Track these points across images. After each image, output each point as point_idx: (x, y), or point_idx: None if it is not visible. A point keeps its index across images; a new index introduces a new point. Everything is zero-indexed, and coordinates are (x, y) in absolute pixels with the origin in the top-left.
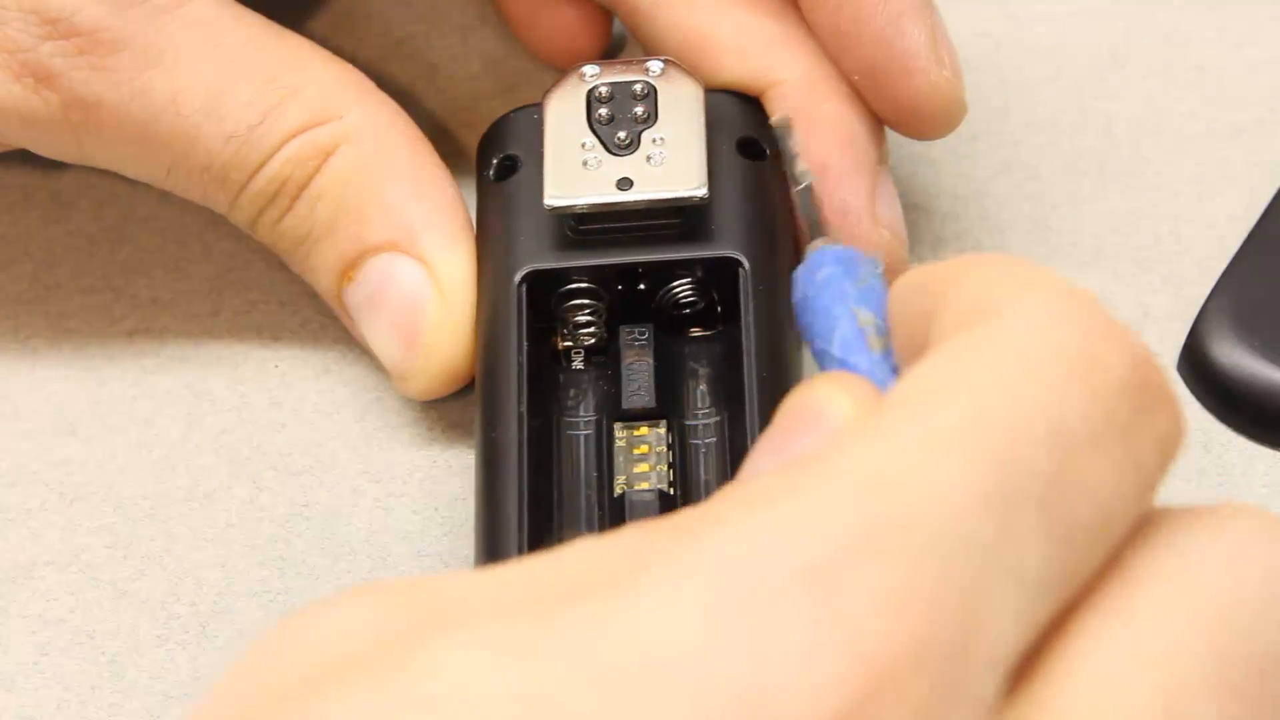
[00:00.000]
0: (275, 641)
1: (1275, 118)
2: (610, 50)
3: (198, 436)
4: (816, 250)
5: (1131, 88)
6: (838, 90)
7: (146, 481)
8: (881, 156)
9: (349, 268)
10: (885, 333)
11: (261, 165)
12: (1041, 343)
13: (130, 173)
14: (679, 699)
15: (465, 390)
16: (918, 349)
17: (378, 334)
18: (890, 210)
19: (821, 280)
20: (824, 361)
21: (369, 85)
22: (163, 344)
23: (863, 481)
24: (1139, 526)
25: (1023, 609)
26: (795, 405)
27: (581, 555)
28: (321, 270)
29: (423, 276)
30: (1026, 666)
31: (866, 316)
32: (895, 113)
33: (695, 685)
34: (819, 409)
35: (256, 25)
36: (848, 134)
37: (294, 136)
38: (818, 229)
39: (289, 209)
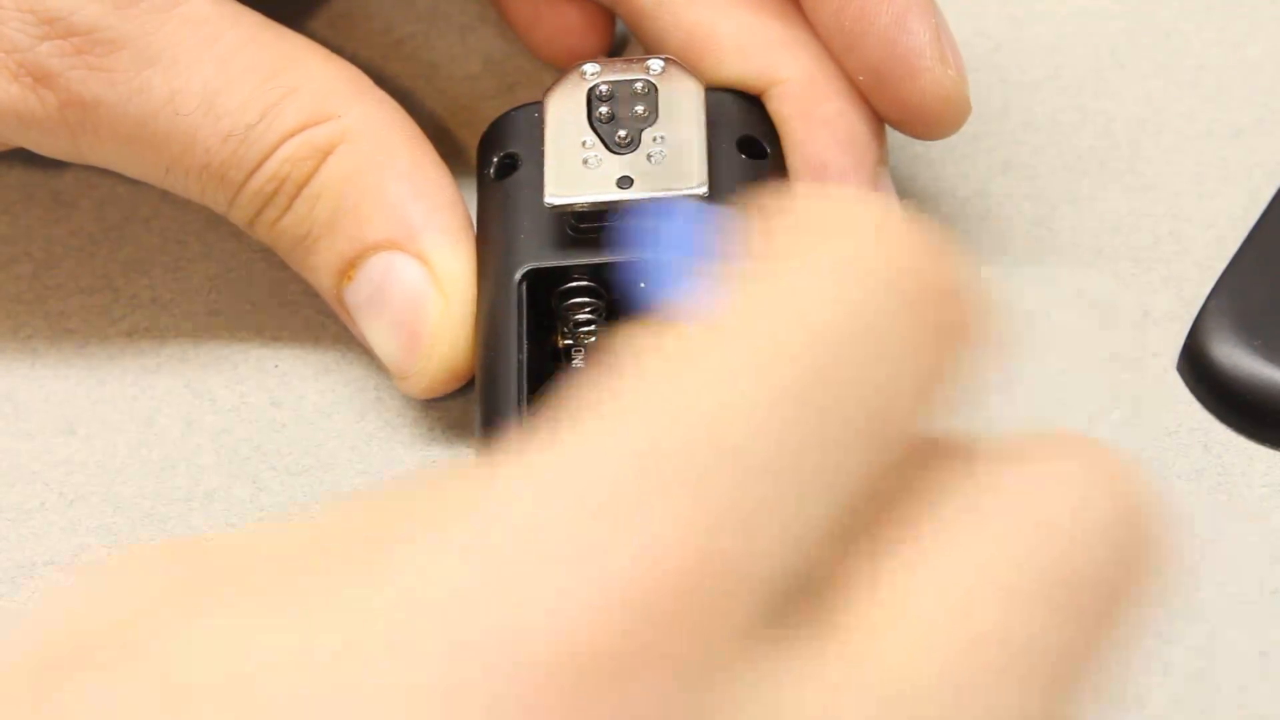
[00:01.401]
0: (40, 616)
1: (1275, 118)
2: (612, 50)
3: (198, 436)
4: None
5: (1131, 88)
6: (839, 90)
7: (146, 481)
8: (882, 157)
9: (349, 267)
10: None
11: (260, 164)
12: (817, 251)
13: (128, 172)
14: (430, 644)
15: (466, 389)
16: None
17: (378, 333)
18: None
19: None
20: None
21: (368, 84)
22: (163, 344)
23: (621, 409)
24: (964, 450)
25: (806, 525)
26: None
27: (352, 512)
28: (321, 269)
29: (423, 275)
30: (835, 584)
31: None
32: (900, 113)
33: (447, 630)
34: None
35: (255, 24)
36: (848, 133)
37: (292, 135)
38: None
39: (288, 208)
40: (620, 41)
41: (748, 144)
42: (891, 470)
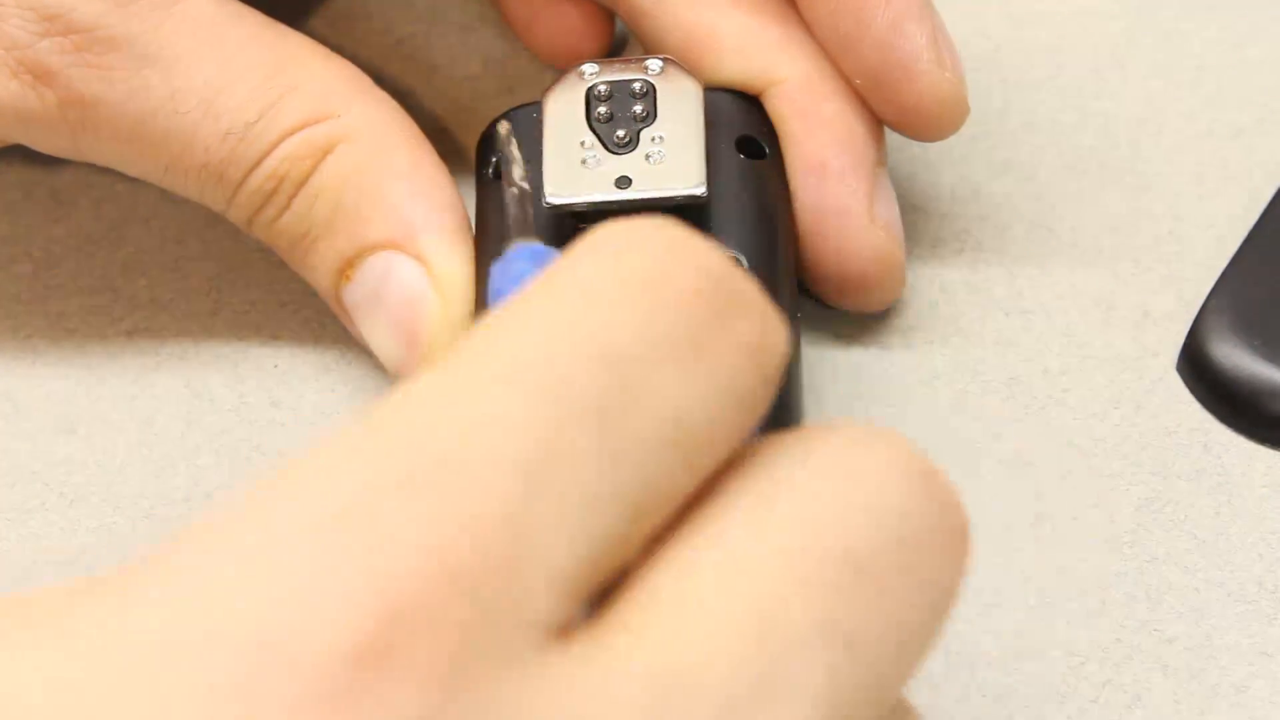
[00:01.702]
0: None
1: (1275, 118)
2: (612, 50)
3: (198, 436)
4: (514, 248)
5: (1131, 88)
6: (838, 90)
7: (146, 481)
8: (880, 157)
9: (347, 266)
10: None
11: (259, 162)
12: (601, 268)
13: (128, 170)
14: (199, 653)
15: None
16: None
17: (377, 333)
18: (888, 211)
19: (514, 275)
20: None
21: (368, 83)
22: (162, 343)
23: (404, 419)
24: (745, 450)
25: (587, 528)
26: None
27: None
28: (320, 269)
29: (421, 275)
30: (630, 581)
31: None
32: (898, 115)
33: (214, 636)
34: None
35: (255, 22)
36: (847, 133)
37: (292, 134)
38: (523, 230)
39: (286, 207)
40: (620, 41)
41: (746, 144)
42: (697, 471)
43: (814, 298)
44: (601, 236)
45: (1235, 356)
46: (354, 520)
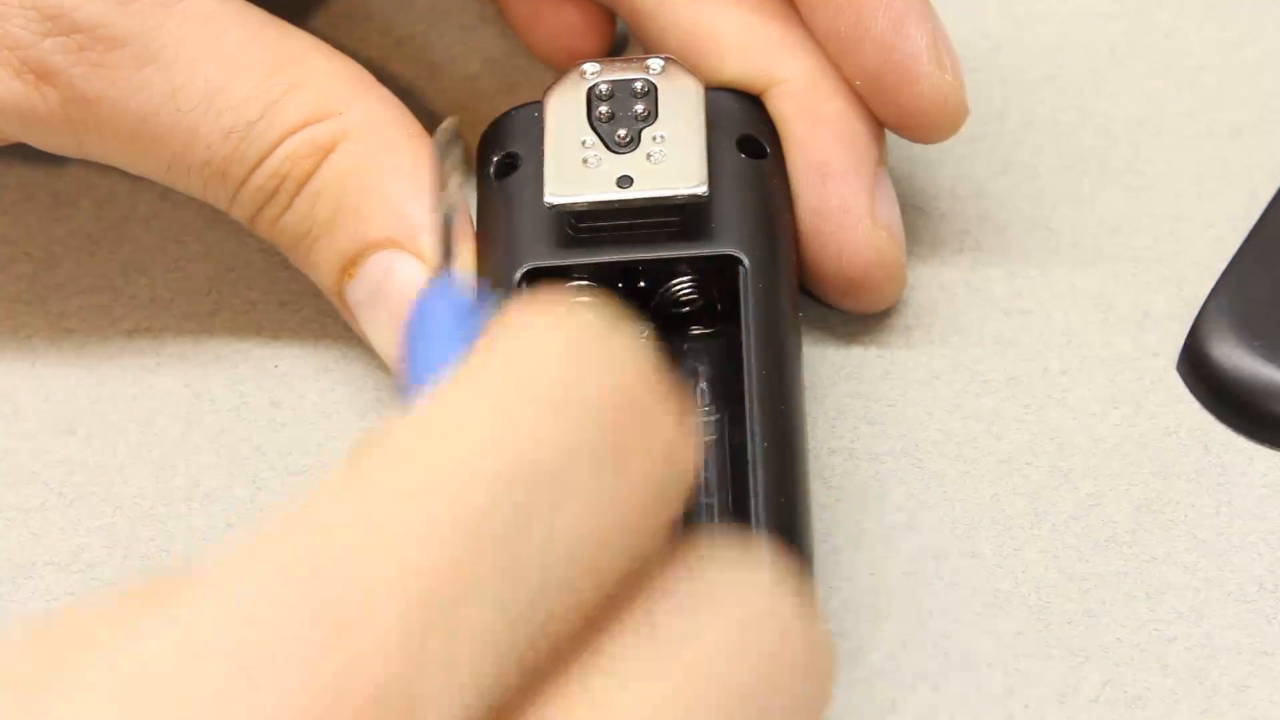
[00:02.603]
0: None
1: (1275, 118)
2: (612, 50)
3: (198, 436)
4: (433, 286)
5: (1131, 88)
6: (839, 90)
7: (146, 481)
8: (881, 157)
9: (349, 264)
10: None
11: (261, 161)
12: (510, 380)
13: (130, 168)
14: None
15: None
16: None
17: (378, 331)
18: (889, 212)
19: (429, 331)
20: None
21: (370, 81)
22: (162, 344)
23: (308, 536)
24: (661, 559)
25: (482, 668)
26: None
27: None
28: (322, 267)
29: (423, 274)
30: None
31: None
32: (898, 118)
33: None
34: None
35: (257, 20)
36: (849, 134)
37: (294, 132)
38: (452, 257)
39: (289, 205)
40: (620, 41)
41: (747, 143)
42: (598, 593)
43: (814, 298)
44: (508, 336)
45: (1235, 356)
46: (250, 653)
